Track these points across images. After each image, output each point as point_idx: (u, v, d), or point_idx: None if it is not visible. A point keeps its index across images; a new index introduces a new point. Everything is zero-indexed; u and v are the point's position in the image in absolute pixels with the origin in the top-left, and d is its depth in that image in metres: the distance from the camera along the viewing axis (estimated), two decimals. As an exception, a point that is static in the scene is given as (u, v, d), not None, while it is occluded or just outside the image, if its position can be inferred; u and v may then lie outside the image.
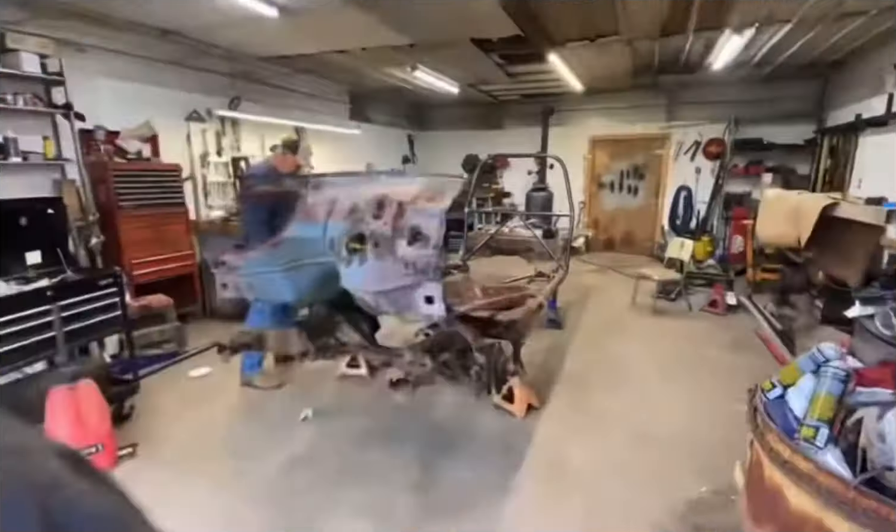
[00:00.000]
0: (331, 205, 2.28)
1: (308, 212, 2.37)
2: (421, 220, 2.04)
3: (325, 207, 2.30)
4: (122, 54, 4.88)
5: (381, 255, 2.07)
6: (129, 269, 4.61)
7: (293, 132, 7.11)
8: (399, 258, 2.04)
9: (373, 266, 2.10)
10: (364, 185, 2.35)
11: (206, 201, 5.75)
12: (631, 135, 8.95)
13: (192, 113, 5.54)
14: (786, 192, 4.48)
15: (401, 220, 2.06)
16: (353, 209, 2.20)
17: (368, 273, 2.11)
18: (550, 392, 3.61)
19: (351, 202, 2.22)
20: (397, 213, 2.05)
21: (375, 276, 2.10)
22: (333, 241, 2.23)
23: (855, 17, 4.58)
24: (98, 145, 4.63)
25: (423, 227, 2.02)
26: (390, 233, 2.06)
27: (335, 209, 2.26)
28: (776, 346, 4.53)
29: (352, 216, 2.19)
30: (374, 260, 2.09)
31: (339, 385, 3.79)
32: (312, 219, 2.33)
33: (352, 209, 2.20)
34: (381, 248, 2.07)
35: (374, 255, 2.09)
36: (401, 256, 2.03)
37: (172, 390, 3.72)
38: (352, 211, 2.20)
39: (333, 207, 2.27)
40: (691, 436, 3.05)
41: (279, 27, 4.80)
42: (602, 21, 4.75)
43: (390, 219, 2.06)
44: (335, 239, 2.23)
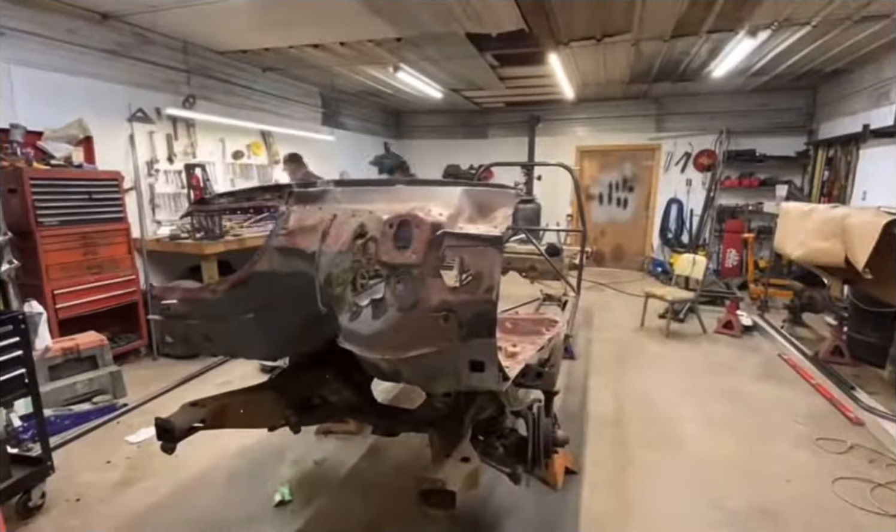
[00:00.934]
0: (326, 226, 1.58)
1: (290, 235, 1.66)
2: (468, 251, 1.39)
3: (316, 229, 1.60)
4: (49, 40, 4.01)
5: (406, 302, 1.40)
6: (52, 301, 3.71)
7: (259, 137, 6.34)
8: (435, 307, 1.37)
9: (394, 319, 1.42)
10: (375, 199, 1.67)
11: (153, 216, 4.86)
12: (620, 145, 8.63)
13: (137, 112, 4.68)
14: (818, 206, 4.09)
15: (436, 251, 1.40)
16: (362, 232, 1.51)
17: (386, 329, 1.43)
18: (584, 448, 3.00)
19: (357, 222, 1.53)
20: (431, 240, 1.39)
21: (397, 333, 1.42)
22: (331, 278, 1.54)
23: (877, 20, 4.30)
24: (13, 148, 3.73)
25: (472, 262, 1.37)
26: (422, 269, 1.39)
27: (333, 232, 1.56)
28: (808, 373, 4.11)
29: (359, 243, 1.50)
30: (395, 310, 1.42)
31: (320, 445, 3.04)
32: (296, 245, 1.63)
33: (358, 232, 1.52)
34: (407, 291, 1.40)
35: (395, 303, 1.41)
36: (438, 304, 1.37)
37: (103, 464, 2.86)
38: (359, 235, 1.51)
39: (330, 229, 1.57)
40: (770, 501, 2.50)
41: (243, 12, 4.06)
42: (616, 16, 4.29)
43: (421, 248, 1.39)
44: (333, 276, 1.54)
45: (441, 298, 1.38)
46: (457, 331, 1.38)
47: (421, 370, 1.49)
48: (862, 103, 5.93)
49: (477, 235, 1.39)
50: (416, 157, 10.00)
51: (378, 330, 1.46)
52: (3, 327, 2.31)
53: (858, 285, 4.08)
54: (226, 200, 2.06)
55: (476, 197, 1.58)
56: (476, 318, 1.37)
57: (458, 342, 1.39)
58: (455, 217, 1.48)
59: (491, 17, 4.19)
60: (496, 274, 1.36)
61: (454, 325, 1.38)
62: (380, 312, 1.44)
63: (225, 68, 5.69)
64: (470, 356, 1.42)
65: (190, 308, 1.80)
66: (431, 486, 1.43)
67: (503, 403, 2.11)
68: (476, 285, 1.36)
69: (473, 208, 1.55)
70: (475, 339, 1.38)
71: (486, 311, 1.35)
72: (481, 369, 1.43)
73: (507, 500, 2.49)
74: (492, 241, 1.38)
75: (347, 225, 1.56)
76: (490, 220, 1.51)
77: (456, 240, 1.40)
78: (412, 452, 2.93)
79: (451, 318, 1.37)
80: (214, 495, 2.58)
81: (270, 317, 1.83)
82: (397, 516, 2.39)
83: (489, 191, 1.64)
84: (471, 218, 1.52)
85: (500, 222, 1.48)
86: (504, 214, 1.51)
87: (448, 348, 1.39)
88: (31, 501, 2.41)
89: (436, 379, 1.54)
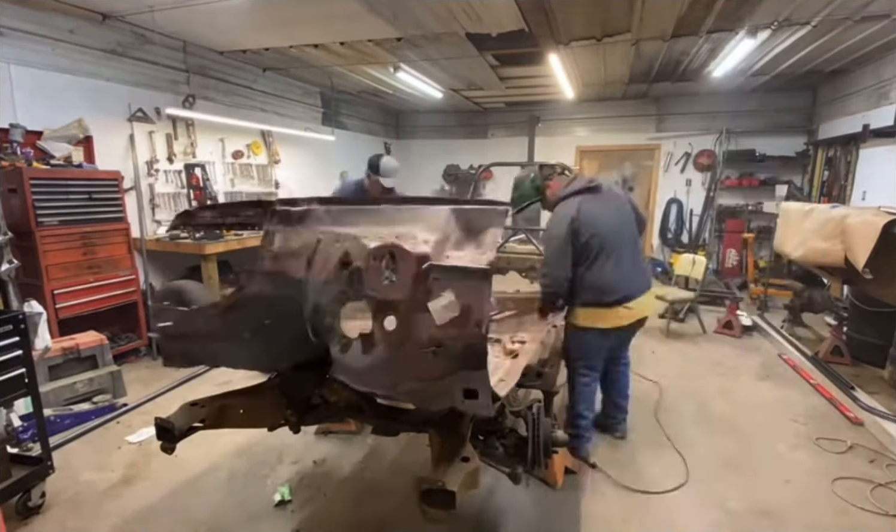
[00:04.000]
0: (311, 251, 1.55)
1: (276, 259, 1.63)
2: (455, 285, 1.33)
3: (301, 254, 1.57)
4: (49, 40, 4.01)
5: (395, 337, 1.38)
6: (51, 301, 3.70)
7: (259, 137, 6.33)
8: (423, 342, 1.35)
9: (384, 354, 1.40)
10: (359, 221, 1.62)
11: (153, 216, 4.86)
12: (619, 145, 8.62)
13: (137, 112, 4.68)
14: (818, 206, 4.09)
15: (423, 285, 1.36)
16: (346, 261, 1.48)
17: (377, 365, 1.42)
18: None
19: (342, 248, 1.50)
20: (417, 273, 1.35)
21: (388, 368, 1.41)
22: (319, 308, 1.53)
23: (877, 20, 4.30)
24: (13, 148, 3.73)
25: (460, 295, 1.32)
26: (409, 305, 1.36)
27: (318, 259, 1.53)
28: (808, 373, 4.11)
29: (344, 273, 1.47)
30: (384, 347, 1.40)
31: (320, 445, 3.04)
32: (283, 270, 1.60)
33: (343, 261, 1.48)
34: (395, 328, 1.37)
35: (384, 339, 1.39)
36: (428, 339, 1.34)
37: (103, 464, 2.86)
38: (344, 264, 1.48)
39: (315, 256, 1.54)
40: (770, 501, 2.50)
41: (243, 13, 4.06)
42: (616, 16, 4.28)
43: (407, 282, 1.36)
44: (321, 306, 1.52)
45: (429, 334, 1.35)
46: (447, 364, 1.36)
47: (415, 397, 1.48)
48: (862, 103, 5.93)
49: (464, 269, 1.35)
50: (417, 156, 10.00)
51: (368, 365, 1.44)
52: (3, 327, 2.31)
53: (858, 285, 4.08)
54: (209, 214, 2.05)
55: (464, 217, 1.52)
56: (467, 350, 1.34)
57: (449, 374, 1.37)
58: (442, 243, 1.44)
59: (491, 17, 4.19)
60: (485, 307, 1.33)
61: (444, 358, 1.36)
62: (369, 347, 1.42)
63: (225, 68, 5.68)
64: (463, 384, 1.40)
65: (186, 329, 1.80)
66: (431, 486, 1.42)
67: (503, 403, 2.10)
68: (465, 320, 1.32)
69: (461, 230, 1.50)
70: (466, 371, 1.36)
71: (476, 344, 1.33)
72: (475, 397, 1.41)
73: (507, 500, 2.49)
74: (479, 275, 1.33)
75: (332, 251, 1.54)
76: (479, 243, 1.46)
77: (443, 273, 1.36)
78: (412, 452, 2.93)
79: (441, 352, 1.35)
80: (214, 495, 2.58)
81: (267, 334, 1.81)
82: (397, 516, 2.39)
83: (477, 210, 1.56)
84: (458, 242, 1.48)
85: (488, 248, 1.43)
86: (493, 237, 1.46)
87: (439, 380, 1.37)
88: (31, 501, 2.42)
89: (430, 402, 1.52)
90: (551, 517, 2.39)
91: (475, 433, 2.13)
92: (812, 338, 4.99)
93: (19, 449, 2.70)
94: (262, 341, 1.74)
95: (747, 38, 4.70)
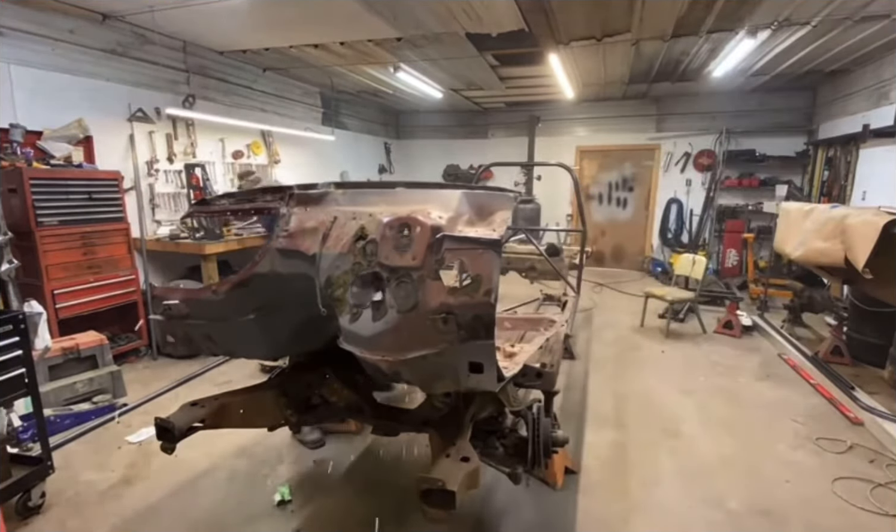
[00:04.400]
0: (327, 228, 1.58)
1: (291, 237, 1.65)
2: (467, 254, 1.38)
3: (317, 231, 1.60)
4: (49, 40, 4.01)
5: (406, 304, 1.40)
6: (51, 301, 3.71)
7: (259, 137, 6.33)
8: (435, 309, 1.37)
9: (393, 321, 1.42)
10: (375, 201, 1.67)
11: (153, 216, 4.86)
12: (619, 146, 8.63)
13: (137, 112, 4.68)
14: (818, 206, 4.09)
15: (436, 254, 1.39)
16: (362, 235, 1.51)
17: (386, 331, 1.43)
18: (583, 448, 2.99)
19: (358, 224, 1.53)
20: (431, 243, 1.39)
21: (397, 335, 1.42)
22: (331, 281, 1.54)
23: (877, 20, 4.30)
24: (13, 148, 3.73)
25: (471, 265, 1.37)
26: (422, 271, 1.39)
27: (333, 234, 1.56)
28: (808, 373, 4.11)
29: (359, 245, 1.51)
30: (395, 312, 1.42)
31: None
32: (297, 247, 1.62)
33: (359, 235, 1.52)
34: (407, 293, 1.40)
35: (395, 305, 1.42)
36: (438, 306, 1.37)
37: (103, 464, 2.86)
38: (359, 238, 1.51)
39: (330, 232, 1.57)
40: (770, 501, 2.50)
41: (243, 13, 4.06)
42: (616, 16, 4.28)
43: (421, 251, 1.40)
44: (333, 278, 1.54)
45: (440, 301, 1.38)
46: (456, 332, 1.38)
47: (420, 371, 1.49)
48: (862, 103, 5.93)
49: (476, 239, 1.39)
50: (417, 157, 10.00)
51: (378, 332, 1.46)
52: (3, 327, 2.31)
53: (858, 285, 4.08)
54: (227, 201, 2.05)
55: (475, 200, 1.57)
56: (475, 320, 1.37)
57: (457, 344, 1.39)
58: (454, 220, 1.48)
59: (491, 17, 4.19)
60: (495, 277, 1.36)
61: (453, 326, 1.37)
62: (380, 314, 1.44)
63: (225, 68, 5.68)
64: (469, 358, 1.43)
65: (191, 308, 1.80)
66: (431, 485, 1.43)
67: (503, 403, 2.11)
68: (475, 288, 1.36)
69: (472, 211, 1.54)
70: (474, 340, 1.39)
71: (485, 314, 1.35)
72: (480, 371, 1.44)
73: (507, 500, 2.49)
74: (491, 245, 1.37)
75: (348, 227, 1.56)
76: (489, 222, 1.50)
77: (455, 243, 1.40)
78: (412, 452, 2.93)
79: (451, 320, 1.37)
80: (214, 495, 2.58)
81: (271, 318, 1.83)
82: (397, 516, 2.39)
83: (488, 193, 1.63)
84: (470, 221, 1.52)
85: (498, 225, 1.47)
86: (503, 217, 1.51)
87: (447, 350, 1.39)
88: (31, 501, 2.41)
89: (435, 380, 1.54)
90: (551, 517, 2.39)
91: (475, 433, 2.13)
92: (812, 338, 4.99)
93: (19, 449, 2.71)
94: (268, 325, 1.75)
95: (747, 38, 4.70)
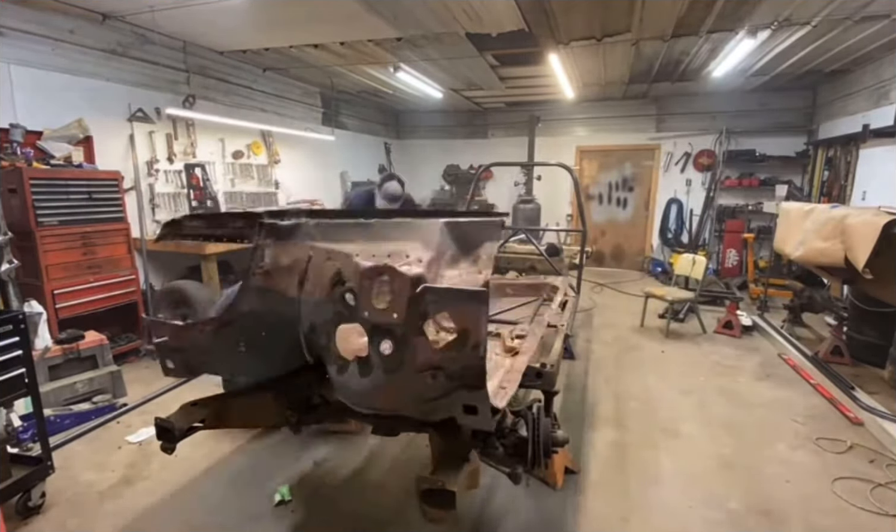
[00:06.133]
0: (302, 270, 1.52)
1: (268, 275, 1.59)
2: (451, 308, 1.28)
3: (293, 271, 1.53)
4: (49, 40, 4.01)
5: (391, 364, 1.35)
6: (51, 301, 3.71)
7: (259, 137, 6.33)
8: (420, 366, 1.32)
9: (381, 379, 1.37)
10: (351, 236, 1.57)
11: (153, 216, 4.86)
12: (620, 145, 8.63)
13: (137, 112, 4.68)
14: (818, 206, 4.08)
15: (418, 308, 1.31)
16: (339, 280, 1.44)
17: (375, 389, 1.40)
18: (583, 448, 2.99)
19: (334, 267, 1.46)
20: (411, 296, 1.30)
21: (386, 392, 1.39)
22: (314, 328, 1.51)
23: (877, 20, 4.30)
24: (13, 148, 3.73)
25: (457, 318, 1.27)
26: (405, 328, 1.31)
27: (310, 276, 1.50)
28: (808, 373, 4.11)
29: (337, 292, 1.43)
30: (381, 371, 1.37)
31: (318, 445, 3.04)
32: (276, 287, 1.58)
33: (336, 280, 1.44)
34: (392, 353, 1.34)
35: (381, 363, 1.36)
36: (424, 364, 1.32)
37: (103, 464, 2.86)
38: (336, 282, 1.44)
39: (307, 274, 1.51)
40: (770, 501, 2.50)
41: (243, 13, 4.06)
42: (616, 16, 4.29)
43: (402, 306, 1.30)
44: (317, 325, 1.51)
45: (426, 358, 1.31)
46: (445, 384, 1.34)
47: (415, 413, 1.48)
48: (862, 103, 5.93)
49: (460, 291, 1.30)
50: (417, 157, 10.00)
51: (367, 389, 1.42)
52: (3, 327, 2.31)
53: (858, 285, 4.08)
54: (197, 224, 2.03)
55: (458, 231, 1.48)
56: (465, 372, 1.31)
57: (448, 394, 1.35)
58: (436, 259, 1.40)
59: (491, 18, 4.19)
60: (482, 330, 1.28)
61: (442, 380, 1.33)
62: (367, 371, 1.40)
63: (225, 68, 5.69)
64: (462, 402, 1.38)
65: (182, 343, 1.80)
66: (431, 485, 1.42)
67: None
68: (462, 342, 1.28)
69: (456, 244, 1.46)
70: (465, 391, 1.34)
71: (474, 366, 1.29)
72: (475, 413, 1.39)
73: (507, 500, 2.49)
74: (476, 297, 1.27)
75: (325, 269, 1.50)
76: (474, 259, 1.43)
77: (438, 295, 1.31)
78: (412, 452, 2.93)
79: (439, 375, 1.33)
80: (214, 495, 2.58)
81: (263, 346, 1.79)
82: (397, 516, 2.39)
83: (472, 222, 1.51)
84: (453, 258, 1.44)
85: (484, 265, 1.39)
86: (489, 252, 1.42)
87: (440, 399, 1.36)
88: (31, 501, 2.41)
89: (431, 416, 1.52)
90: (551, 517, 2.39)
91: (475, 433, 2.13)
92: (812, 338, 4.99)
93: (19, 449, 2.71)
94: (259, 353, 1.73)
95: (747, 39, 4.70)
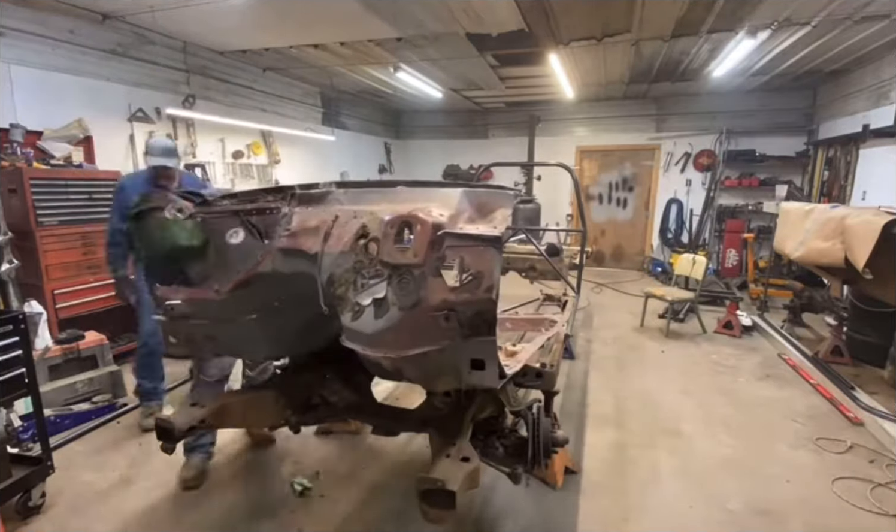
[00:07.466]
0: (328, 227, 1.59)
1: (293, 236, 1.66)
2: (468, 251, 1.39)
3: (319, 230, 1.60)
4: (49, 40, 4.01)
5: (408, 301, 1.41)
6: (51, 301, 3.71)
7: (259, 137, 6.34)
8: (436, 306, 1.38)
9: (395, 318, 1.43)
10: (376, 200, 1.67)
11: (153, 216, 4.85)
12: (619, 145, 8.63)
13: (137, 112, 4.68)
14: (818, 206, 4.09)
15: (437, 251, 1.40)
16: (363, 233, 1.52)
17: (388, 328, 1.44)
18: (583, 448, 2.99)
19: (359, 223, 1.54)
20: (432, 240, 1.40)
21: (399, 332, 1.43)
22: (333, 279, 1.54)
23: (877, 20, 4.30)
24: (13, 148, 3.73)
25: (472, 262, 1.38)
26: (423, 269, 1.40)
27: (335, 233, 1.57)
28: (808, 373, 4.11)
29: (361, 243, 1.51)
30: (397, 310, 1.42)
31: (320, 445, 3.04)
32: (299, 247, 1.63)
33: (360, 233, 1.52)
34: (409, 291, 1.41)
35: (397, 302, 1.42)
36: (439, 303, 1.38)
37: (103, 462, 2.86)
38: (360, 236, 1.52)
39: (332, 230, 1.58)
40: (770, 501, 2.50)
41: (243, 12, 4.06)
42: (616, 16, 4.29)
43: (422, 248, 1.41)
44: (335, 276, 1.54)
45: (442, 298, 1.38)
46: (458, 329, 1.39)
47: (422, 368, 1.50)
48: (862, 103, 5.93)
49: (477, 235, 1.40)
50: (417, 157, 10.01)
51: (380, 329, 1.46)
52: (3, 327, 2.31)
53: (858, 285, 4.08)
54: (229, 202, 2.05)
55: (476, 198, 1.58)
56: (476, 316, 1.38)
57: (458, 340, 1.39)
58: (455, 217, 1.48)
59: (491, 18, 4.20)
60: (496, 273, 1.37)
61: (455, 323, 1.38)
62: (382, 312, 1.45)
63: (225, 68, 5.69)
64: (470, 354, 1.44)
65: (193, 309, 1.80)
66: (431, 486, 1.43)
67: (503, 403, 2.11)
68: (476, 285, 1.37)
69: (473, 209, 1.55)
70: (476, 337, 1.40)
71: (486, 310, 1.37)
72: (482, 368, 1.45)
73: (507, 500, 2.49)
74: (491, 241, 1.38)
75: (349, 226, 1.57)
76: (489, 220, 1.51)
77: (456, 240, 1.40)
78: (412, 452, 2.93)
79: (452, 316, 1.38)
80: (215, 495, 2.58)
81: (273, 317, 1.84)
82: (397, 516, 2.39)
83: (489, 192, 1.64)
84: (471, 218, 1.53)
85: (499, 223, 1.48)
86: (503, 215, 1.52)
87: (449, 346, 1.40)
88: (31, 501, 2.41)
89: (436, 377, 1.54)
90: (551, 517, 2.39)
91: (475, 433, 2.13)
92: (812, 338, 4.99)
93: (19, 449, 2.70)
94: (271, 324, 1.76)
95: (747, 39, 4.71)
